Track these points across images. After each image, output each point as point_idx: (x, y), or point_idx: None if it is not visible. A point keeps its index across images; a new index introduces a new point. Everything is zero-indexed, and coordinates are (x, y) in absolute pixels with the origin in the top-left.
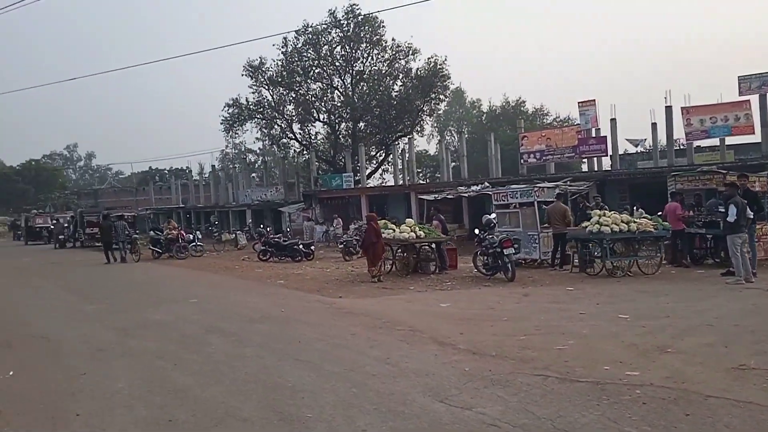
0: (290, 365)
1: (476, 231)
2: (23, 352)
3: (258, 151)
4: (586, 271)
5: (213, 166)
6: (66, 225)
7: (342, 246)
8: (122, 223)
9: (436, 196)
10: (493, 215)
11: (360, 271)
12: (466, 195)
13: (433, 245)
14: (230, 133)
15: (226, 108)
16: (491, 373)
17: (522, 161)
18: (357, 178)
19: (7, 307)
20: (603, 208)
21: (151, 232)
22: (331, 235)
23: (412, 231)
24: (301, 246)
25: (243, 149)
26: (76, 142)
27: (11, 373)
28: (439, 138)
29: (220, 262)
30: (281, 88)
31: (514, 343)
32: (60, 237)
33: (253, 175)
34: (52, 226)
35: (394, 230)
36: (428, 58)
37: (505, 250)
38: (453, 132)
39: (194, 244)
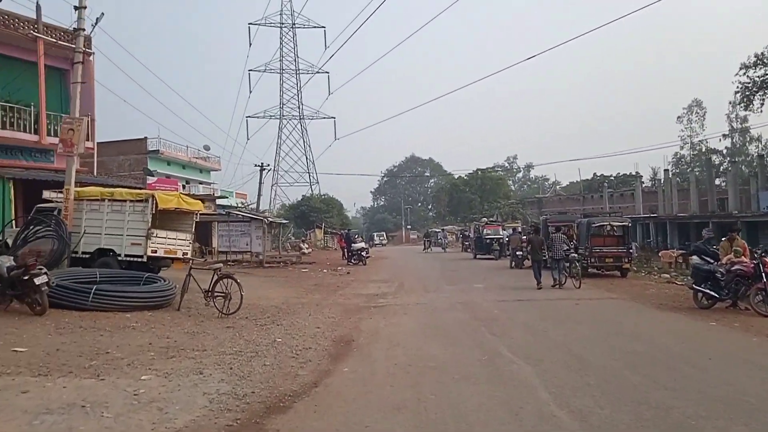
0: None
1: None
2: None
3: (725, 150)
4: None
5: (704, 162)
6: (524, 237)
7: None
8: (560, 235)
9: None
10: None
11: None
12: None
13: None
14: (749, 105)
15: (743, 71)
16: None
17: None
18: None
19: None
20: None
21: (694, 257)
22: None
23: None
24: None
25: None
26: (516, 153)
27: None
28: None
29: None
30: None
31: None
32: (517, 253)
33: (720, 181)
34: (506, 238)
35: None
36: None
37: None
38: None
39: None
